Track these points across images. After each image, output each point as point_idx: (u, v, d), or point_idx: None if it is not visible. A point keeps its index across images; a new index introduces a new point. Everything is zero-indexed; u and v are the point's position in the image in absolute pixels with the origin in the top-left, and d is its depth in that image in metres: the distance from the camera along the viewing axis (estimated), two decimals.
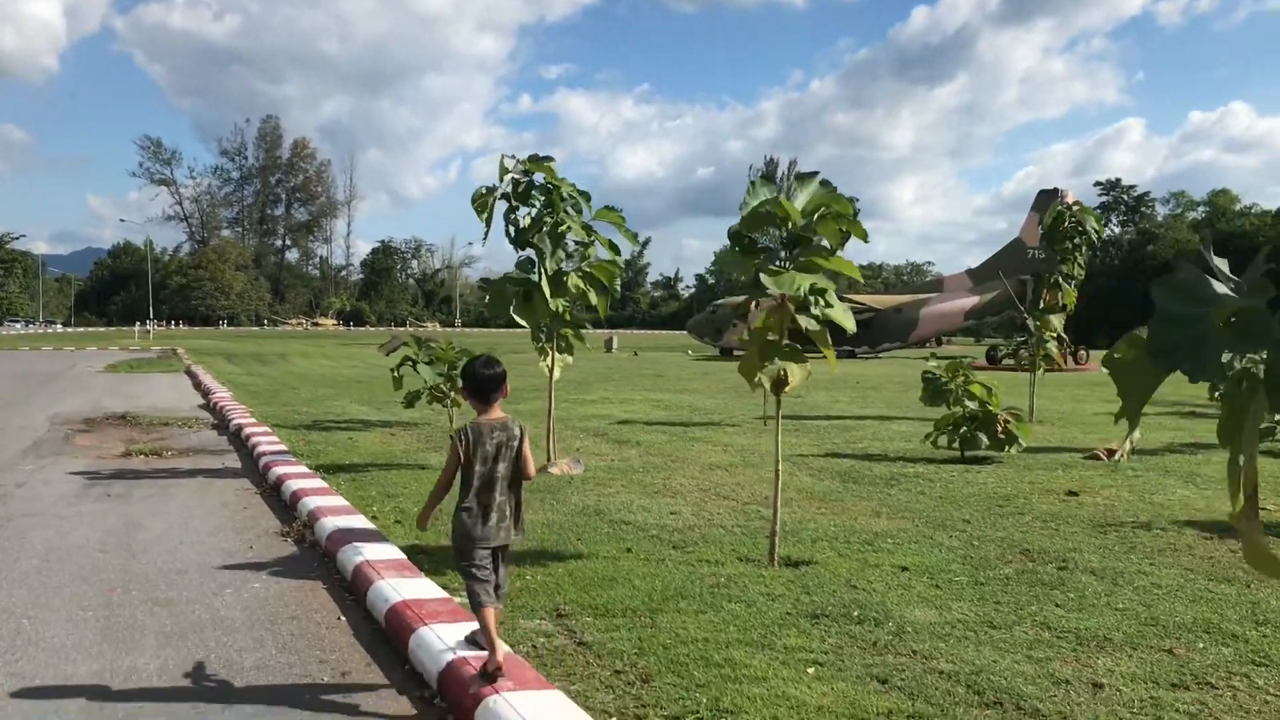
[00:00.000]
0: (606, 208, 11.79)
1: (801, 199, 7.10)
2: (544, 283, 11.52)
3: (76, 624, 5.99)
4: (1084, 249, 18.91)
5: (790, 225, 7.13)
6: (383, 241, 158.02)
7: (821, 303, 7.07)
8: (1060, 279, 18.95)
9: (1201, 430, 16.61)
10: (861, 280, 7.50)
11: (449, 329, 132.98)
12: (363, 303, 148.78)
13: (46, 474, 11.57)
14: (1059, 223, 19.10)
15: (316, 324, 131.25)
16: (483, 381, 5.10)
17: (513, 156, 11.62)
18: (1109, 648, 5.49)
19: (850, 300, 67.31)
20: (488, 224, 11.81)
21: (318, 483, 10.05)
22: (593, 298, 12.01)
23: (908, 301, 66.69)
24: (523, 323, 11.90)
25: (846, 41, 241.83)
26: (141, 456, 13.10)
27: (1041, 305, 19.13)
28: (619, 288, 12.47)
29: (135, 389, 25.74)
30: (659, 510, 9.19)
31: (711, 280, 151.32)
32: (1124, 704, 4.71)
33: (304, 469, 11.02)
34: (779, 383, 7.19)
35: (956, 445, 12.98)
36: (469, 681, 4.57)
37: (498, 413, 5.12)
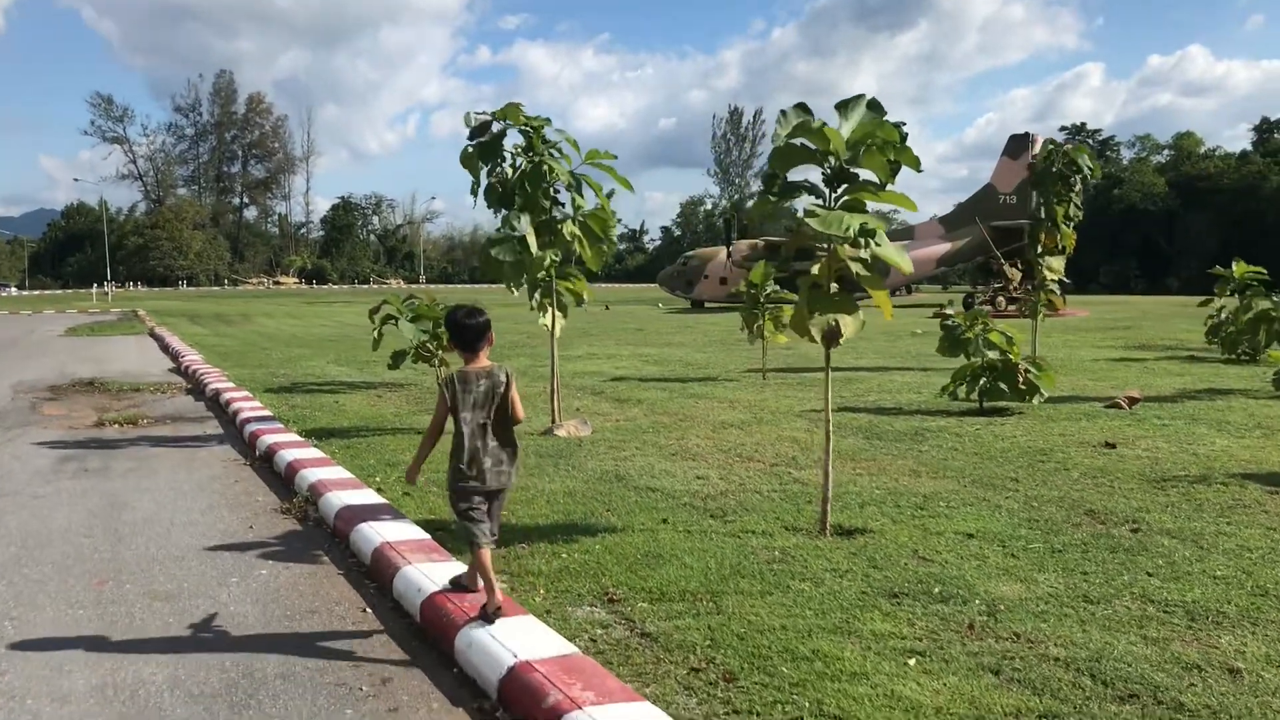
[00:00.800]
0: (595, 151, 11.08)
1: (847, 127, 6.42)
2: (530, 235, 10.81)
3: (67, 625, 5.31)
4: (1079, 189, 18.27)
5: (833, 159, 6.47)
6: (342, 198, 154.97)
7: (872, 244, 6.43)
8: (1057, 221, 18.31)
9: (1207, 375, 16.24)
10: (917, 210, 6.82)
11: (413, 285, 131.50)
12: (324, 260, 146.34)
13: (15, 448, 10.78)
14: (1050, 163, 18.44)
15: (278, 283, 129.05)
16: (467, 330, 5.14)
17: (484, 112, 10.85)
18: (1226, 624, 4.96)
19: (819, 249, 66.88)
20: (477, 183, 11.09)
21: (313, 452, 9.35)
22: (586, 249, 11.32)
23: None
24: (514, 286, 11.21)
25: None
26: (116, 426, 12.33)
27: (1040, 248, 18.51)
28: (615, 238, 11.72)
29: (100, 353, 24.78)
30: (684, 475, 8.59)
31: (678, 232, 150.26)
32: (1274, 692, 4.17)
33: (294, 437, 10.31)
34: (831, 334, 6.56)
35: (975, 397, 12.47)
36: (541, 691, 3.94)
37: (484, 361, 5.16)
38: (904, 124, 6.33)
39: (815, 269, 6.90)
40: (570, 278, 11.65)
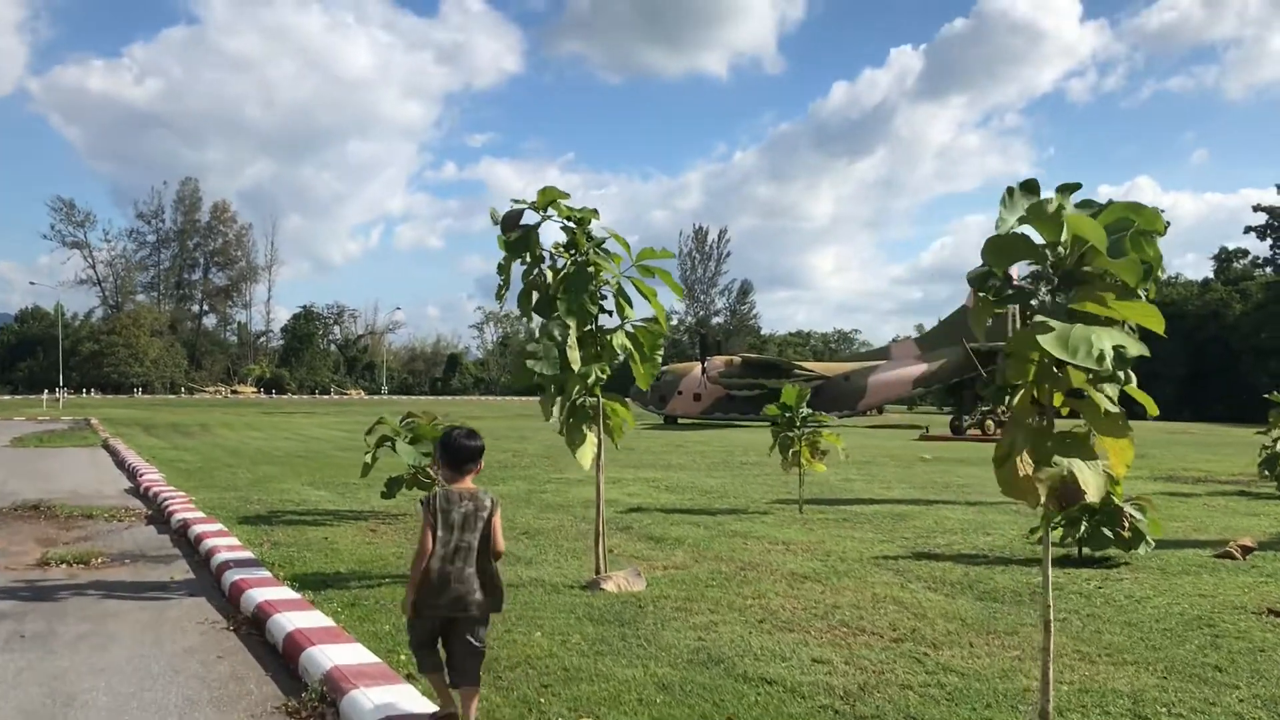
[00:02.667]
0: (649, 250, 9.53)
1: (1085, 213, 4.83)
2: (573, 347, 9.16)
3: None
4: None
5: (1064, 252, 4.90)
6: (304, 307, 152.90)
7: (1122, 376, 4.80)
8: None
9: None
10: (1163, 334, 5.06)
11: (374, 396, 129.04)
12: (283, 369, 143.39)
13: None
14: None
15: (235, 391, 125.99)
16: (463, 453, 5.09)
17: (520, 201, 9.31)
18: None
19: (799, 368, 65.83)
20: (505, 285, 9.49)
21: (315, 616, 7.42)
22: (637, 365, 9.68)
23: (856, 369, 65.21)
24: (551, 406, 9.53)
25: (769, 114, 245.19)
26: (64, 566, 10.30)
27: None
28: (660, 358, 10.03)
29: (48, 467, 22.57)
30: (795, 656, 6.76)
31: None
32: None
33: (287, 592, 8.35)
34: (1070, 495, 4.83)
35: (1072, 543, 10.80)
36: None
37: (468, 483, 5.10)
38: (1162, 209, 4.78)
39: (1016, 401, 5.24)
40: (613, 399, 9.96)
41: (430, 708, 5.34)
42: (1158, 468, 24.49)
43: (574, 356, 9.15)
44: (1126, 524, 10.59)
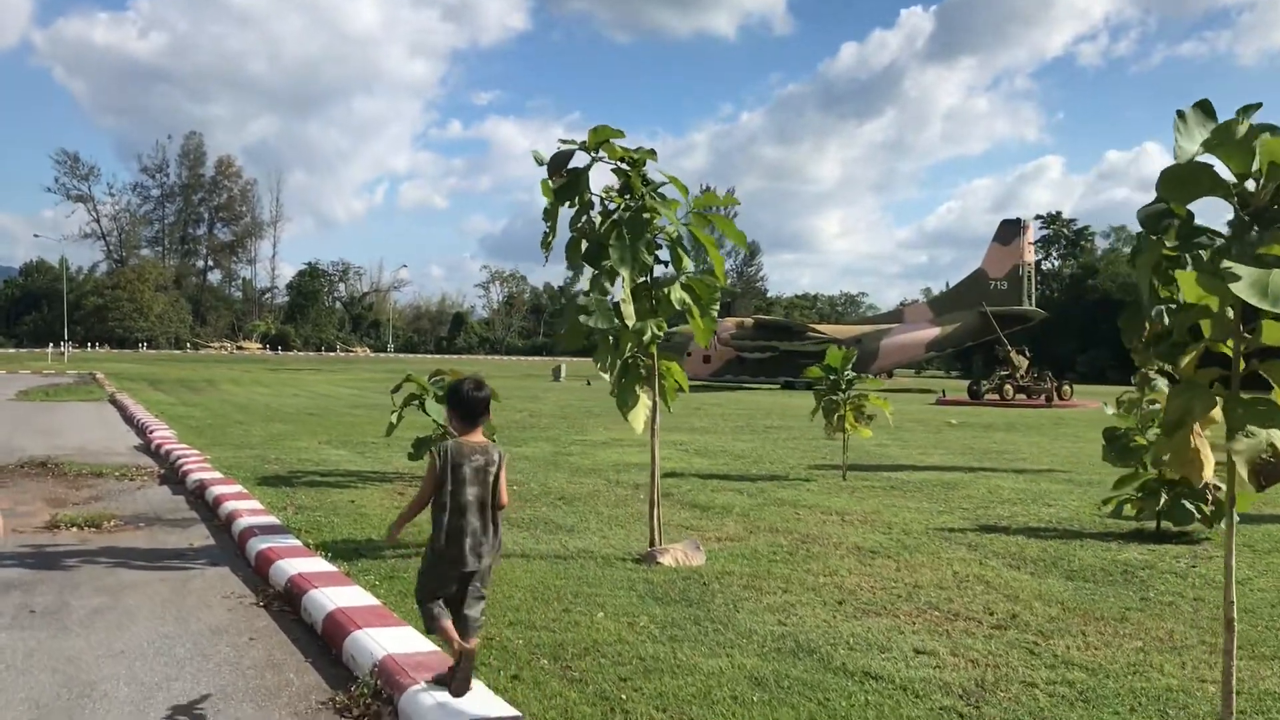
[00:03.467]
0: (710, 194, 8.77)
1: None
2: (626, 300, 8.42)
3: None
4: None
5: (1258, 185, 4.13)
6: (309, 264, 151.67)
7: None
8: (1165, 305, 15.98)
9: None
10: None
11: (380, 354, 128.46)
12: (288, 326, 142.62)
13: None
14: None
15: (241, 348, 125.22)
16: (472, 404, 5.00)
17: (569, 140, 8.50)
18: None
19: (812, 330, 64.95)
20: (551, 232, 8.69)
21: (354, 592, 6.72)
22: (696, 320, 8.91)
23: (868, 332, 64.43)
24: (605, 364, 8.81)
25: (776, 75, 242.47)
26: (74, 529, 9.62)
27: (1144, 337, 16.13)
28: (716, 312, 9.23)
29: (55, 422, 21.89)
30: (894, 646, 6.05)
31: None
32: None
33: (321, 563, 7.65)
34: (1270, 473, 4.08)
35: (1148, 516, 10.11)
36: None
37: (479, 436, 5.00)
38: None
39: (1185, 362, 4.51)
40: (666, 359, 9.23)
41: (502, 708, 4.65)
42: None
43: (628, 311, 8.41)
44: (1210, 497, 9.91)
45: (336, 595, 6.53)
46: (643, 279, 8.66)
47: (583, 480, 13.45)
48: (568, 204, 8.58)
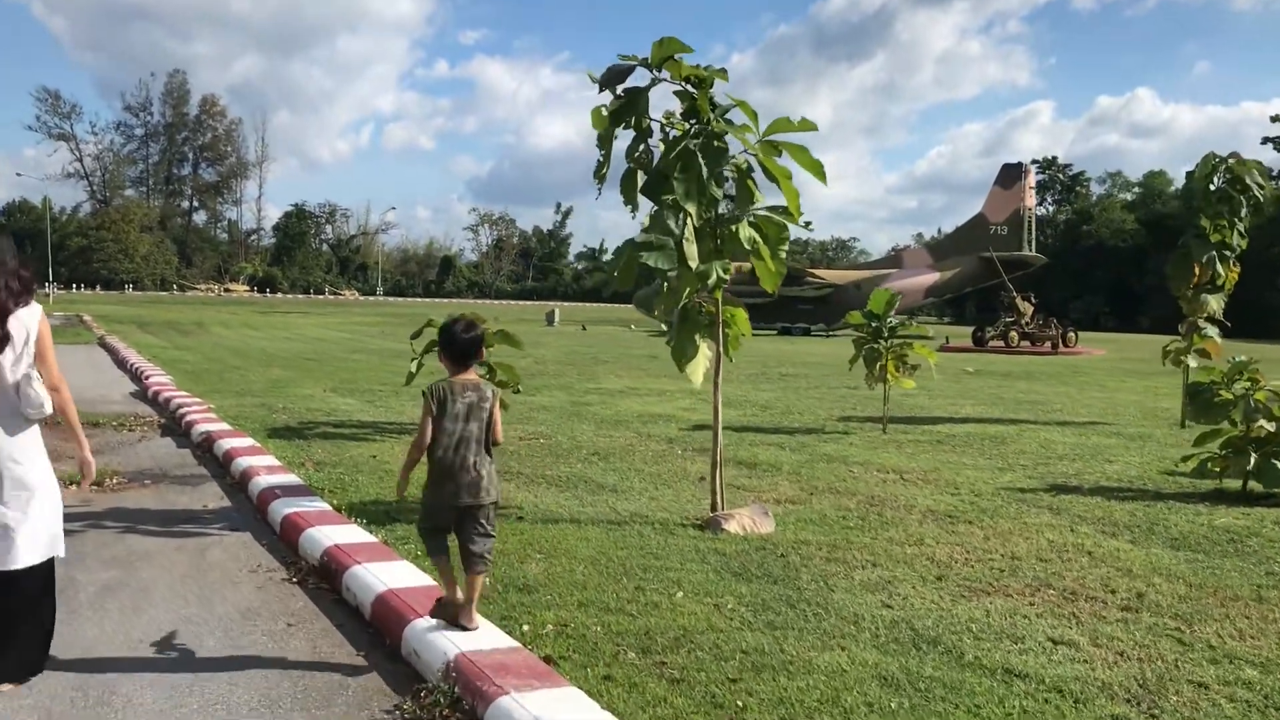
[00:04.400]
0: (784, 120, 7.89)
1: None
2: (690, 239, 7.57)
3: None
4: (1245, 214, 15.05)
5: None
6: (296, 205, 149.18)
7: None
8: (1218, 251, 15.11)
9: None
10: None
11: (369, 298, 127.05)
12: (275, 269, 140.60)
13: None
14: (1208, 180, 15.19)
15: (228, 290, 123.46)
16: (464, 345, 5.04)
17: (629, 56, 7.60)
18: None
19: (811, 275, 64.00)
20: (604, 161, 7.80)
21: (402, 569, 5.94)
22: (767, 261, 8.06)
23: (867, 277, 63.52)
24: (665, 311, 8.02)
25: (768, 16, 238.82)
26: (74, 487, 8.75)
27: (1193, 283, 15.30)
28: (785, 253, 8.36)
29: None
30: (1027, 635, 5.30)
31: None
32: None
33: (356, 531, 6.87)
34: None
35: (1234, 475, 9.42)
36: None
37: (471, 374, 5.05)
38: None
39: None
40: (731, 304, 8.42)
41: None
42: None
43: (690, 251, 7.56)
44: None
45: (381, 572, 5.76)
46: (708, 215, 7.80)
47: (611, 433, 12.71)
48: (623, 127, 7.70)
